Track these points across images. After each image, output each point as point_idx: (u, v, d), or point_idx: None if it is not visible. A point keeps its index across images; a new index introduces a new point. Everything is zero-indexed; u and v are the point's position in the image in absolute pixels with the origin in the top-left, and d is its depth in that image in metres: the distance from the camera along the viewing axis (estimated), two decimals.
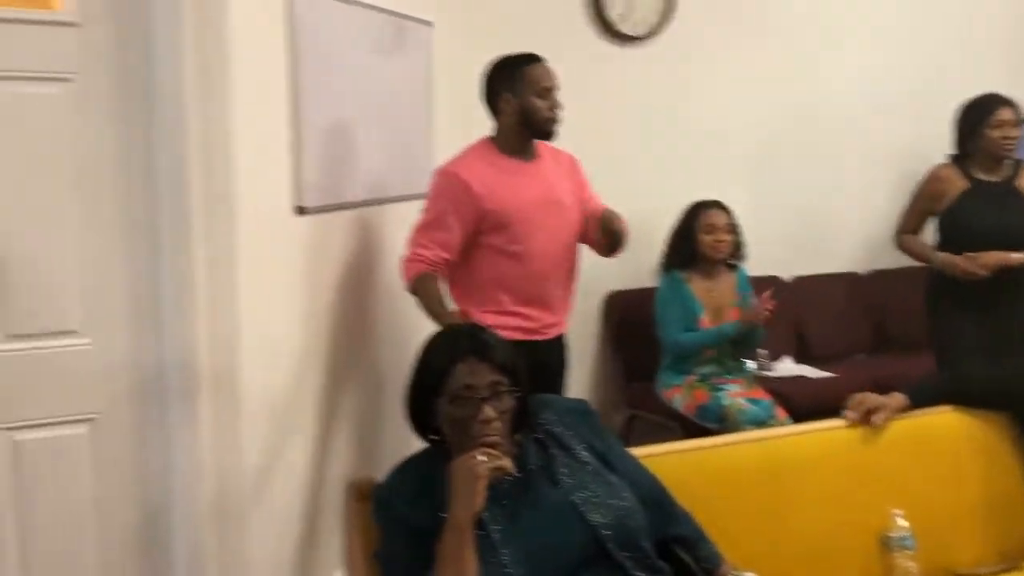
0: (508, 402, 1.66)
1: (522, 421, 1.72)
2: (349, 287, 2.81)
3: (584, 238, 2.85)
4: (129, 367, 2.24)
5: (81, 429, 2.22)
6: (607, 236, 2.73)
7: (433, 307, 2.58)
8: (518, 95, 2.64)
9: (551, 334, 2.77)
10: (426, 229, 2.64)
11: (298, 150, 2.50)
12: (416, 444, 1.77)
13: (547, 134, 2.69)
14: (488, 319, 2.51)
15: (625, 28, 3.92)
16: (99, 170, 2.17)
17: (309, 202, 2.55)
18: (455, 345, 1.70)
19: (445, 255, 2.62)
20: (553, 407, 1.81)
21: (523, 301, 2.69)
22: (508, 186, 2.64)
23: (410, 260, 2.64)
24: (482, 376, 1.65)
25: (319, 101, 2.58)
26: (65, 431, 2.20)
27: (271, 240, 2.41)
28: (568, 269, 2.81)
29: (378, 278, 2.91)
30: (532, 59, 2.67)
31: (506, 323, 2.55)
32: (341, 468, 2.78)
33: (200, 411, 2.26)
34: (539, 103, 2.64)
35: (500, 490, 1.63)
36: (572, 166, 2.87)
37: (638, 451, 1.91)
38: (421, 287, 2.60)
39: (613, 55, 3.94)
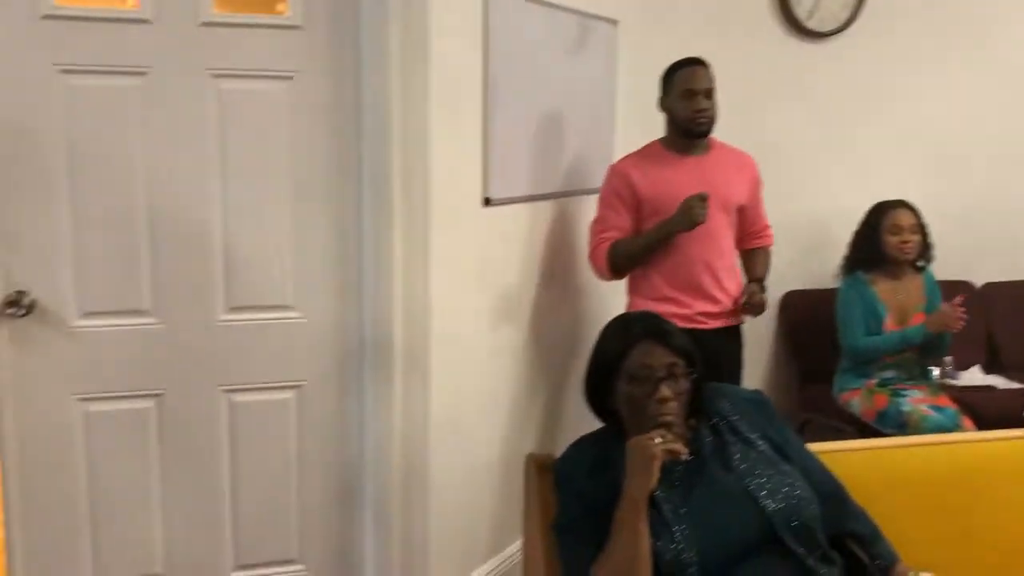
0: (684, 384, 1.72)
1: (697, 407, 1.77)
2: (534, 273, 2.94)
3: (738, 240, 2.98)
4: (333, 340, 2.45)
5: (289, 394, 2.45)
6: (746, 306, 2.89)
7: (641, 244, 2.80)
8: (668, 97, 2.83)
9: (710, 324, 2.85)
10: (601, 220, 2.88)
11: (487, 146, 2.64)
12: (595, 423, 1.85)
13: (691, 133, 2.82)
14: (647, 305, 2.74)
15: (812, 24, 3.84)
16: (313, 161, 2.38)
17: (495, 194, 2.69)
18: (632, 328, 1.78)
19: (620, 236, 2.84)
20: (728, 396, 1.85)
21: (676, 287, 2.83)
22: (664, 177, 2.81)
23: (595, 248, 2.87)
24: (659, 357, 1.71)
25: (508, 100, 2.71)
26: (276, 395, 2.44)
27: (460, 228, 2.56)
28: (724, 261, 2.89)
29: (563, 265, 3.03)
30: (686, 63, 2.82)
31: (664, 310, 2.63)
32: (522, 443, 2.92)
33: (393, 383, 2.44)
34: (680, 104, 2.79)
35: (674, 472, 1.69)
36: (748, 169, 2.96)
37: (814, 447, 1.91)
38: (618, 251, 2.82)
39: (800, 52, 3.87)
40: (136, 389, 2.33)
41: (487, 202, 2.67)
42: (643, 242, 2.80)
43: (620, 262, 2.83)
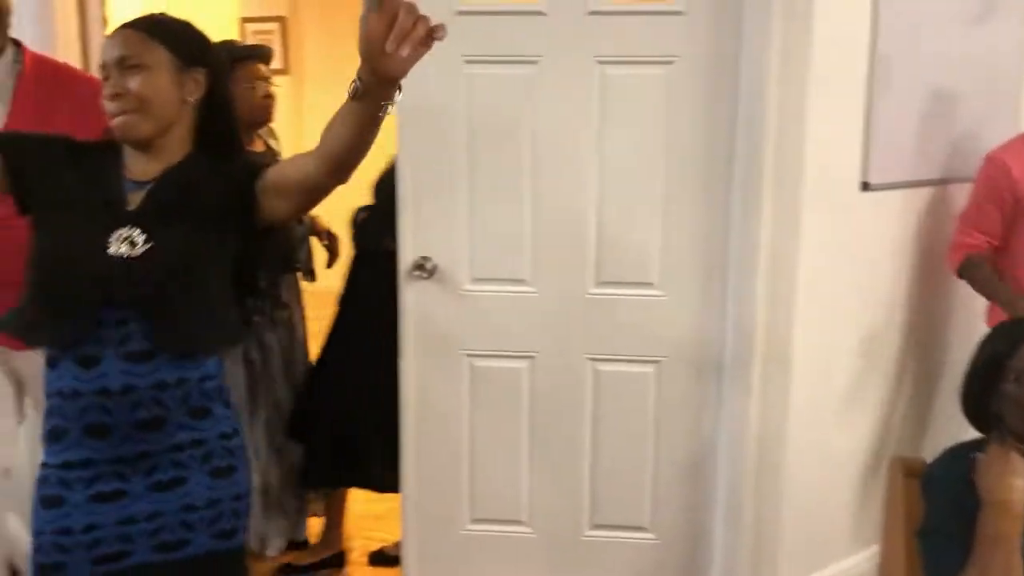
0: None
1: None
2: (912, 267, 2.76)
3: None
4: (692, 321, 2.50)
5: (649, 368, 2.54)
6: None
7: (987, 289, 2.56)
8: None
9: None
10: (968, 216, 2.62)
11: (869, 128, 2.51)
12: (965, 427, 1.73)
13: None
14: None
15: None
16: (686, 144, 2.43)
17: (875, 179, 2.56)
18: (1021, 327, 1.64)
19: (986, 240, 2.57)
20: None
21: None
22: None
23: (953, 248, 2.64)
24: None
25: (897, 77, 2.55)
26: (636, 368, 2.54)
27: (834, 214, 2.47)
28: None
29: (941, 258, 2.81)
30: None
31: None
32: (884, 444, 2.77)
33: (752, 371, 2.43)
34: None
35: None
36: None
37: None
38: (968, 274, 2.60)
39: None
40: (513, 350, 2.56)
41: (865, 187, 2.55)
42: (992, 292, 2.55)
43: (969, 280, 2.60)
